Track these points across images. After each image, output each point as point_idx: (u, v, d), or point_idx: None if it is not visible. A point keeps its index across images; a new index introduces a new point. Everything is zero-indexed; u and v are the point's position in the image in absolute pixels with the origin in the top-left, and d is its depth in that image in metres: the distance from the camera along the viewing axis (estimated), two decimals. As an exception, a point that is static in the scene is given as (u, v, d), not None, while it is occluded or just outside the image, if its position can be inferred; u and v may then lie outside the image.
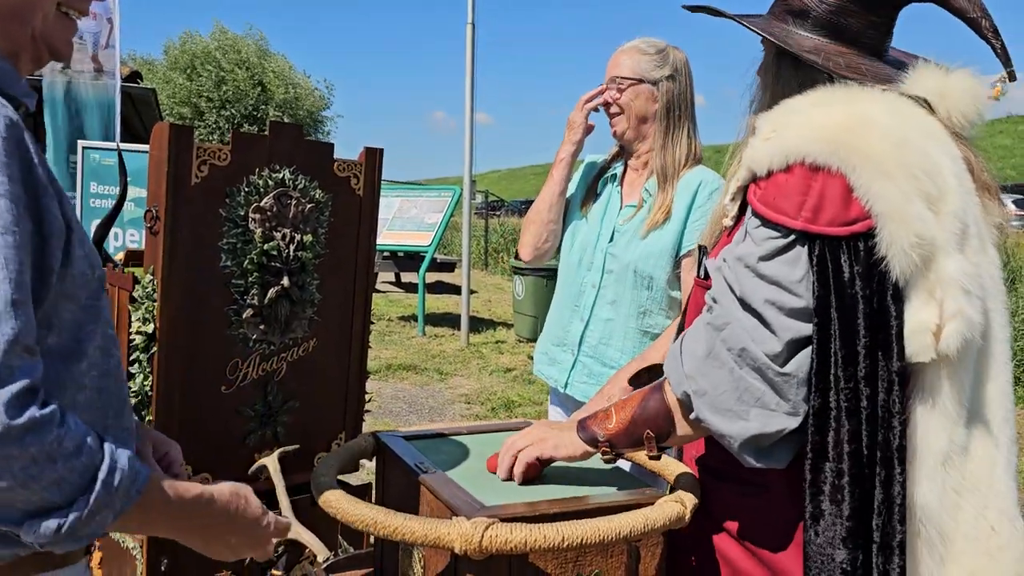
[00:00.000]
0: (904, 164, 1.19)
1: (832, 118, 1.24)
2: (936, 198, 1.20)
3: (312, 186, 2.20)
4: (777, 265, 1.22)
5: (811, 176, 1.22)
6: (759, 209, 1.26)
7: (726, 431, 1.21)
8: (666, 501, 1.14)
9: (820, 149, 1.21)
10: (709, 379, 1.22)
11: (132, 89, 9.09)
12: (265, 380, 2.21)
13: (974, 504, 1.22)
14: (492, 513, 1.06)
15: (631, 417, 1.28)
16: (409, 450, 1.34)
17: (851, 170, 1.19)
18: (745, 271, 1.25)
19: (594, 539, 1.04)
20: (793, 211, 1.22)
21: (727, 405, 1.20)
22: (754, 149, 1.29)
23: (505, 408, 6.45)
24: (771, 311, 1.20)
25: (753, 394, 1.19)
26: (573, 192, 2.47)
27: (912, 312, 1.19)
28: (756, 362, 1.19)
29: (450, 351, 8.74)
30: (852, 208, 1.20)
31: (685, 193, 2.22)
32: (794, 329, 1.20)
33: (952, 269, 1.19)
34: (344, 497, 1.12)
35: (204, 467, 2.14)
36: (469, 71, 8.64)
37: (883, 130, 1.22)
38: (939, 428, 1.21)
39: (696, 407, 1.23)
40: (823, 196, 1.21)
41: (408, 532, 1.03)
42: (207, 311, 2.07)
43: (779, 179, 1.25)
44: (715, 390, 1.21)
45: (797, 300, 1.20)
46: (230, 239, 2.07)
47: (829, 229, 1.20)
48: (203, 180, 2.01)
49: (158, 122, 9.21)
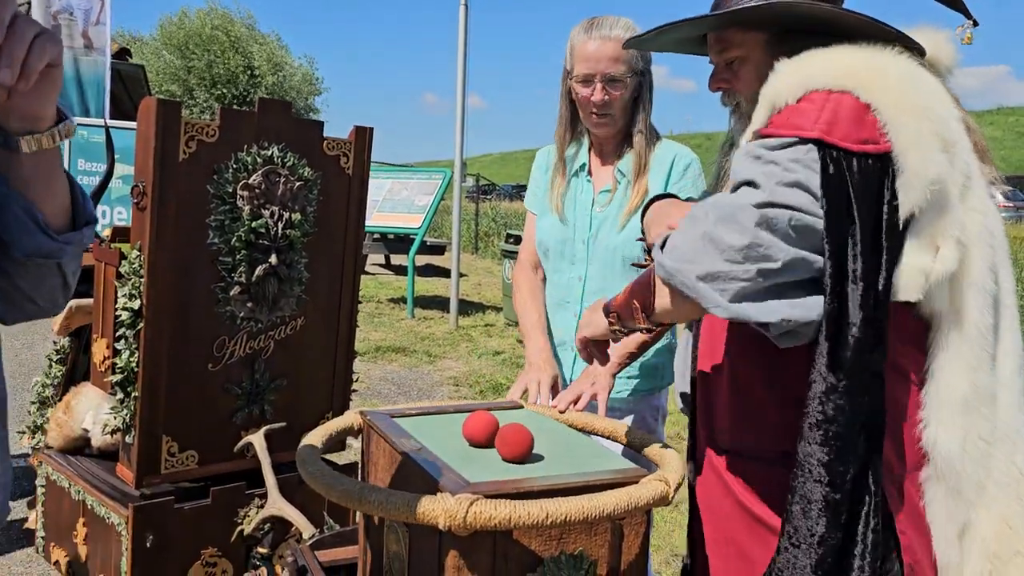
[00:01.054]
0: (922, 106, 1.18)
1: (853, 59, 1.22)
2: (949, 146, 1.19)
3: (301, 164, 2.19)
4: (780, 152, 1.17)
5: (827, 97, 1.18)
6: (771, 131, 1.21)
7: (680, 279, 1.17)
8: (650, 480, 1.15)
9: (842, 79, 1.19)
10: (683, 235, 1.19)
11: (121, 66, 8.99)
12: (252, 358, 2.20)
13: (1005, 451, 1.23)
14: (477, 490, 1.07)
15: (628, 288, 1.31)
16: (395, 427, 1.34)
17: (870, 96, 1.17)
18: (743, 158, 1.21)
19: (578, 516, 1.04)
20: (808, 124, 1.17)
21: (690, 257, 1.16)
22: (774, 86, 1.24)
23: (493, 391, 6.46)
24: (768, 181, 1.15)
25: (717, 240, 1.14)
26: (538, 191, 2.31)
27: (911, 251, 1.18)
28: (727, 208, 1.16)
29: (439, 334, 8.74)
30: (865, 128, 1.17)
31: (659, 168, 2.14)
32: (783, 196, 1.14)
33: (953, 218, 1.19)
34: (329, 473, 1.12)
35: (191, 444, 2.14)
36: (461, 52, 8.57)
37: (903, 73, 1.21)
38: (959, 373, 1.20)
39: (662, 263, 1.19)
40: (837, 112, 1.17)
41: (392, 508, 1.03)
42: (194, 288, 2.07)
43: (796, 105, 1.21)
44: (685, 242, 1.18)
45: (788, 175, 1.15)
46: (218, 216, 2.05)
47: (843, 142, 1.16)
48: (191, 156, 2.00)
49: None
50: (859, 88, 1.17)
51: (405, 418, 1.42)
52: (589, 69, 2.06)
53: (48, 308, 1.14)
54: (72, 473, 2.25)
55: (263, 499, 2.19)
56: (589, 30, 2.09)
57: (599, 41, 2.06)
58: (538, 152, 2.40)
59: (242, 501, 2.18)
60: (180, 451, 2.12)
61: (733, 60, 1.41)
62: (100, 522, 2.13)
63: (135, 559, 2.01)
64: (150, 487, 2.11)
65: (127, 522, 2.01)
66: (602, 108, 2.09)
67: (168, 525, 2.06)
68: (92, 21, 6.29)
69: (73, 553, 2.27)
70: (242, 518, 2.18)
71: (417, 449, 1.23)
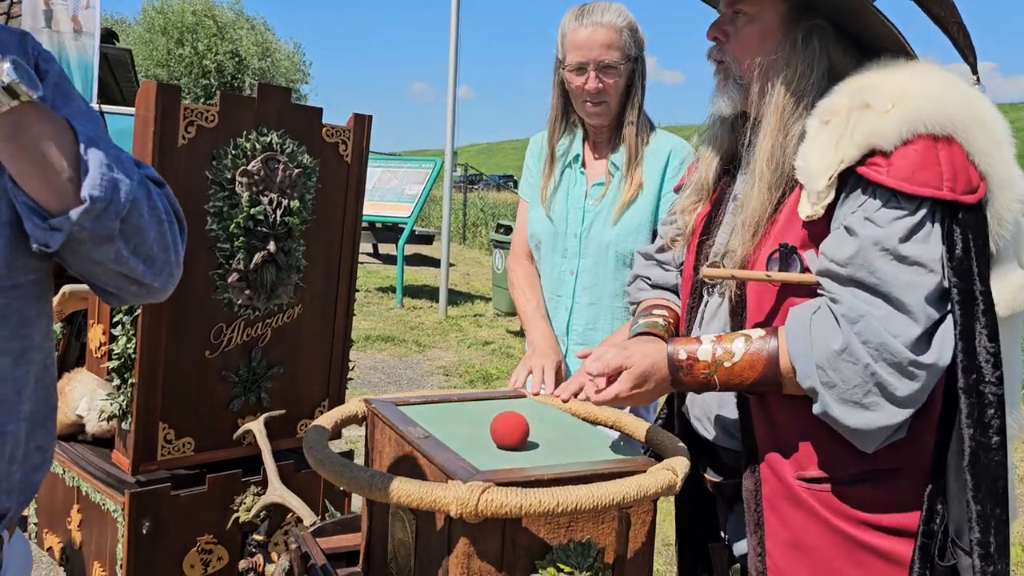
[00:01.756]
0: (1005, 129, 1.24)
1: (948, 85, 1.24)
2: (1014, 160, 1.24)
3: (300, 151, 2.18)
4: (917, 245, 1.19)
5: (935, 145, 1.19)
6: (897, 185, 1.19)
7: (852, 423, 1.20)
8: (658, 469, 1.15)
9: (947, 117, 1.20)
10: (841, 373, 1.20)
11: (108, 50, 8.89)
12: (250, 345, 2.20)
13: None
14: (487, 478, 1.07)
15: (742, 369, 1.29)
16: (401, 416, 1.34)
17: (969, 138, 1.20)
18: (882, 255, 1.19)
19: (588, 505, 1.05)
20: (937, 181, 1.18)
21: (856, 399, 1.19)
22: (876, 123, 1.21)
23: (483, 380, 6.47)
24: (912, 296, 1.17)
25: (887, 389, 1.18)
26: (531, 178, 2.28)
27: (1009, 272, 1.24)
28: (896, 356, 1.17)
29: (428, 323, 8.74)
30: (973, 175, 1.21)
31: (654, 162, 2.11)
32: (932, 316, 1.19)
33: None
34: (339, 460, 1.12)
35: (187, 431, 2.13)
36: (453, 42, 8.55)
37: (981, 97, 1.25)
38: (1018, 359, 1.30)
39: (823, 399, 1.22)
40: (954, 165, 1.20)
41: (405, 495, 1.03)
42: (192, 275, 2.05)
43: (906, 152, 1.19)
44: (846, 384, 1.19)
45: (935, 278, 1.19)
46: (216, 202, 2.04)
47: (967, 198, 1.19)
48: (190, 142, 1.98)
49: (136, 84, 9.01)
50: (958, 131, 1.20)
51: (410, 406, 1.42)
52: (582, 57, 2.03)
53: (139, 292, 1.12)
54: (66, 459, 2.24)
55: (259, 486, 2.19)
56: (580, 17, 2.05)
57: (591, 28, 2.02)
58: (532, 139, 2.37)
59: (238, 488, 2.18)
60: (177, 438, 2.11)
61: (740, 14, 1.37)
62: (95, 508, 2.12)
63: (131, 546, 2.00)
64: (146, 474, 2.10)
65: (123, 509, 2.00)
66: (597, 96, 2.06)
67: (164, 512, 2.06)
68: (82, 5, 6.22)
69: (67, 539, 2.26)
70: (238, 505, 2.17)
71: (424, 437, 1.23)
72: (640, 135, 2.09)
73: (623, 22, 2.03)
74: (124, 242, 1.03)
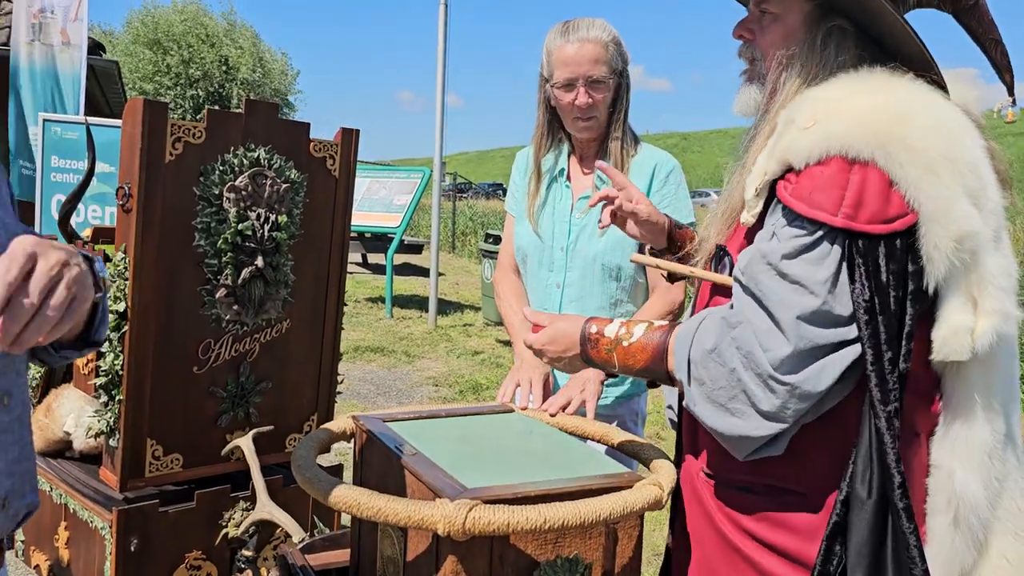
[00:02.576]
0: (951, 159, 1.14)
1: (877, 107, 1.18)
2: (979, 192, 1.16)
3: (288, 166, 2.18)
4: (801, 264, 1.16)
5: (849, 168, 1.15)
6: (792, 204, 1.18)
7: (712, 424, 1.21)
8: (644, 484, 1.16)
9: (866, 140, 1.14)
10: (709, 372, 1.21)
11: (96, 62, 8.88)
12: (238, 361, 2.19)
13: (1011, 489, 1.23)
14: (474, 495, 1.08)
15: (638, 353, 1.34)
16: (389, 432, 1.35)
17: (897, 166, 1.13)
18: (766, 269, 1.19)
19: (575, 521, 1.06)
20: (832, 206, 1.14)
21: (721, 400, 1.20)
22: (792, 140, 1.20)
23: (473, 391, 6.47)
24: (785, 314, 1.15)
25: (749, 397, 1.17)
26: (517, 193, 2.29)
27: (949, 312, 1.16)
28: (759, 368, 1.16)
29: (418, 333, 8.73)
30: (892, 204, 1.14)
31: (640, 176, 2.12)
32: (810, 337, 1.15)
33: (991, 267, 1.16)
34: (326, 478, 1.13)
35: (175, 447, 2.13)
36: (441, 52, 8.57)
37: (928, 121, 1.17)
38: (984, 422, 1.19)
39: (690, 394, 1.24)
40: (863, 191, 1.14)
41: (392, 513, 1.04)
42: (180, 290, 2.05)
43: (814, 172, 1.17)
44: (713, 384, 1.20)
45: (816, 301, 1.15)
46: (204, 218, 2.04)
47: (870, 227, 1.14)
48: (177, 158, 1.99)
49: (124, 96, 8.99)
50: (887, 156, 1.14)
51: (398, 422, 1.43)
52: (571, 73, 2.04)
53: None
54: (53, 476, 2.23)
55: (247, 502, 2.18)
56: (566, 34, 2.06)
57: (578, 44, 2.03)
58: (517, 154, 2.38)
59: (226, 504, 2.17)
60: (165, 454, 2.10)
61: (766, 13, 1.36)
62: (83, 526, 2.11)
63: (119, 563, 1.99)
64: (134, 491, 2.09)
65: (111, 526, 1.99)
66: (586, 112, 2.07)
67: (152, 529, 2.05)
68: (71, 17, 6.22)
69: (54, 557, 2.25)
70: (227, 521, 2.17)
71: (413, 454, 1.24)
72: (625, 149, 2.11)
73: (608, 37, 2.05)
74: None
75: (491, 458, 1.27)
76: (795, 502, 1.25)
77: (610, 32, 2.06)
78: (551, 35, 2.09)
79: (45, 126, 6.48)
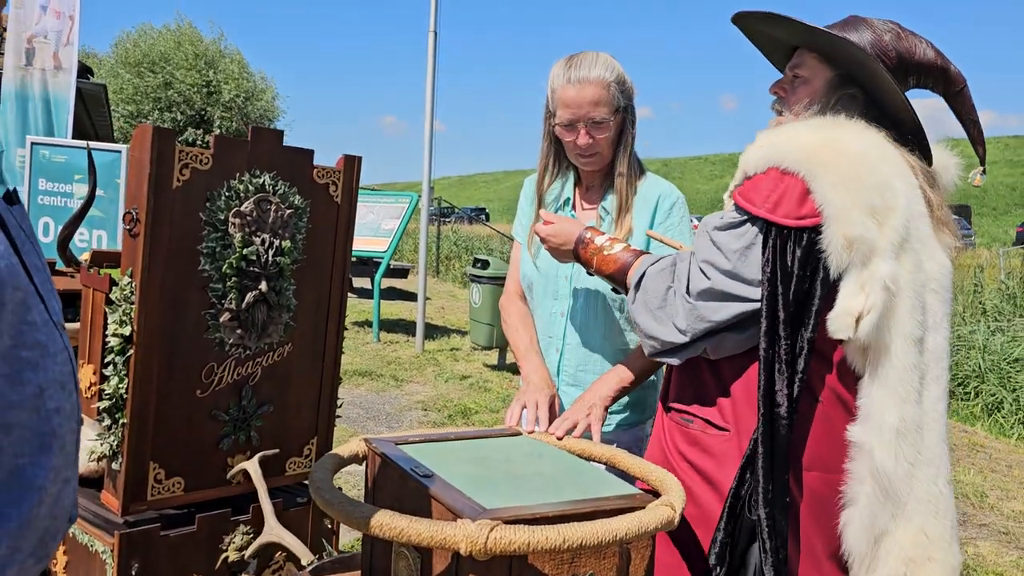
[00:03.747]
0: (854, 177, 1.47)
1: (812, 137, 1.55)
2: (882, 210, 1.46)
3: (291, 192, 2.21)
4: (726, 235, 1.57)
5: (780, 178, 1.53)
6: (735, 198, 1.60)
7: (641, 323, 1.67)
8: (657, 505, 1.19)
9: (794, 158, 1.52)
10: (653, 283, 1.67)
11: (83, 85, 8.89)
12: (240, 384, 2.21)
13: (928, 475, 1.50)
14: (494, 516, 1.10)
15: (614, 264, 1.83)
16: (402, 455, 1.37)
17: (812, 178, 1.49)
18: (703, 234, 1.62)
19: (592, 541, 1.09)
20: (759, 201, 1.54)
21: (652, 307, 1.65)
22: (748, 155, 1.61)
23: (462, 415, 6.47)
24: (707, 266, 1.57)
25: (671, 310, 1.61)
26: (524, 219, 2.33)
27: (842, 297, 1.47)
28: (682, 289, 1.60)
29: (405, 357, 8.73)
30: (805, 206, 1.49)
31: (644, 208, 2.16)
32: (719, 283, 1.55)
33: (883, 270, 1.44)
34: (348, 501, 1.15)
35: (177, 470, 2.13)
36: (430, 80, 8.64)
37: (845, 148, 1.51)
38: (890, 406, 1.47)
39: (634, 298, 1.70)
40: (784, 194, 1.51)
41: (415, 534, 1.06)
42: (184, 314, 2.07)
43: (757, 178, 1.57)
44: (652, 293, 1.66)
45: (727, 263, 1.55)
46: (210, 243, 2.07)
47: (784, 220, 1.51)
48: (184, 184, 2.01)
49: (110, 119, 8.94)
50: (806, 171, 1.50)
51: (409, 445, 1.45)
52: (572, 115, 2.06)
53: None
54: (52, 501, 2.22)
55: (248, 525, 2.19)
56: (568, 72, 2.08)
57: (578, 86, 2.05)
58: (526, 180, 2.41)
59: (227, 528, 2.18)
60: (167, 478, 2.11)
61: (798, 77, 1.72)
62: (83, 550, 2.10)
63: (120, 587, 1.99)
64: (135, 514, 2.09)
65: (112, 550, 1.99)
66: (588, 150, 2.11)
67: (154, 552, 2.05)
68: (63, 42, 6.24)
69: (52, 582, 2.24)
70: (227, 545, 2.17)
71: (428, 476, 1.26)
72: (630, 183, 2.13)
73: (611, 76, 2.05)
74: None
75: (505, 480, 1.30)
76: (720, 435, 1.61)
77: (613, 69, 2.07)
78: (555, 70, 2.11)
79: (33, 149, 6.48)
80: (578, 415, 1.83)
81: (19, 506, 0.92)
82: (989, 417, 7.30)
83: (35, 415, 0.95)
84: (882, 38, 1.62)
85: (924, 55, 1.64)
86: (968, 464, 6.04)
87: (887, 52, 1.60)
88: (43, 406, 0.96)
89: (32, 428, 0.95)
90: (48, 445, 0.98)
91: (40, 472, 0.95)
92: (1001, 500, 5.34)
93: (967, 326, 8.90)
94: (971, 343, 8.17)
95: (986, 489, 5.51)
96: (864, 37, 1.61)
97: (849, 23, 1.66)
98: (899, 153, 1.58)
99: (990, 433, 7.01)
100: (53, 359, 0.96)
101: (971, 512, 5.10)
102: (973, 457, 6.25)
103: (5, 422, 0.91)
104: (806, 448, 1.53)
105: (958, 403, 7.59)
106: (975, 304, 10.39)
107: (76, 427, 1.06)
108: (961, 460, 6.12)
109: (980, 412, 7.38)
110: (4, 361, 0.90)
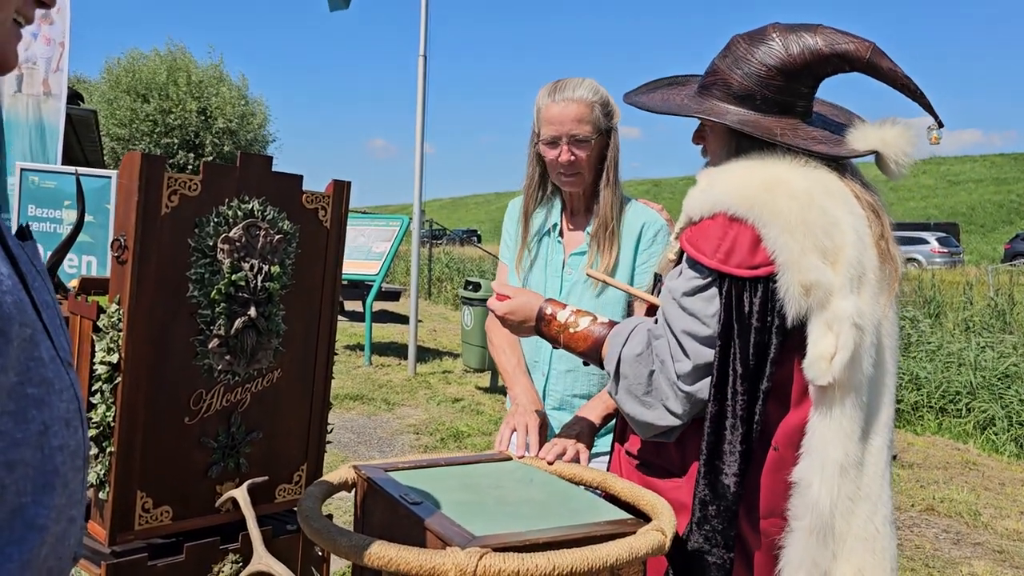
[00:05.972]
0: (805, 222, 1.43)
1: (753, 178, 1.50)
2: (832, 250, 1.43)
3: (280, 217, 2.21)
4: (696, 301, 1.50)
5: (729, 225, 1.47)
6: (684, 247, 1.55)
7: (628, 410, 1.58)
8: (648, 530, 1.19)
9: (740, 204, 1.46)
10: (634, 370, 1.56)
11: (73, 111, 8.89)
12: (229, 411, 2.19)
13: (866, 511, 1.46)
14: (484, 543, 1.09)
15: (585, 340, 1.72)
16: (391, 482, 1.36)
17: (762, 225, 1.44)
18: (672, 302, 1.54)
19: (582, 568, 1.08)
20: (710, 251, 1.48)
21: (638, 393, 1.55)
22: (692, 199, 1.57)
23: (454, 439, 6.43)
24: (686, 339, 1.50)
25: (660, 395, 1.53)
26: (510, 242, 2.35)
27: (812, 343, 1.43)
28: (668, 375, 1.52)
29: (397, 381, 8.69)
30: (758, 255, 1.45)
31: (628, 236, 2.17)
32: (703, 355, 1.48)
33: (846, 307, 1.41)
34: (336, 528, 1.14)
35: (165, 499, 2.11)
36: (420, 104, 8.68)
37: (792, 191, 1.46)
38: (836, 442, 1.44)
39: (615, 385, 1.60)
40: (735, 243, 1.46)
41: (404, 563, 1.05)
42: (173, 341, 2.06)
43: (704, 224, 1.52)
44: (634, 380, 1.56)
45: (707, 330, 1.49)
46: (198, 269, 2.06)
47: (737, 271, 1.46)
48: (172, 210, 2.01)
49: (100, 145, 8.99)
50: (755, 217, 1.45)
51: (399, 471, 1.44)
52: (555, 131, 2.11)
53: None
54: (38, 531, 2.19)
55: (237, 554, 2.16)
56: (553, 93, 2.14)
57: (563, 103, 2.11)
58: (510, 203, 2.43)
59: (216, 556, 2.15)
60: (154, 507, 2.08)
61: (706, 127, 1.73)
62: (69, 582, 2.07)
63: (107, 619, 1.96)
64: (122, 544, 2.07)
65: (99, 581, 1.96)
66: (569, 168, 2.14)
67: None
68: (52, 68, 6.25)
69: (37, 615, 2.20)
70: (216, 574, 2.14)
71: (418, 503, 1.25)
72: (614, 208, 2.16)
73: (595, 97, 2.11)
74: None
75: (495, 506, 1.29)
76: (675, 480, 1.59)
77: (597, 92, 2.13)
78: (541, 93, 2.17)
79: (23, 175, 6.47)
80: (567, 441, 1.82)
81: (21, 545, 0.90)
82: (982, 434, 7.30)
83: (39, 452, 0.94)
84: (762, 66, 1.55)
85: (808, 54, 1.53)
86: (961, 482, 6.04)
87: (768, 81, 1.55)
88: (47, 443, 0.95)
89: (36, 466, 0.94)
90: (51, 484, 0.97)
91: (42, 511, 0.94)
92: (995, 518, 5.33)
93: (957, 343, 8.93)
94: (962, 360, 8.20)
95: (980, 507, 5.50)
96: (734, 75, 1.57)
97: (717, 72, 1.62)
98: (841, 184, 1.53)
99: (983, 451, 7.02)
100: (59, 396, 0.96)
101: (965, 531, 5.09)
102: (966, 475, 6.25)
103: (9, 459, 0.90)
104: (760, 496, 1.50)
105: (950, 420, 7.60)
106: (965, 321, 10.44)
107: (82, 465, 1.05)
108: (954, 478, 6.12)
109: (973, 429, 7.39)
110: (10, 398, 0.89)
